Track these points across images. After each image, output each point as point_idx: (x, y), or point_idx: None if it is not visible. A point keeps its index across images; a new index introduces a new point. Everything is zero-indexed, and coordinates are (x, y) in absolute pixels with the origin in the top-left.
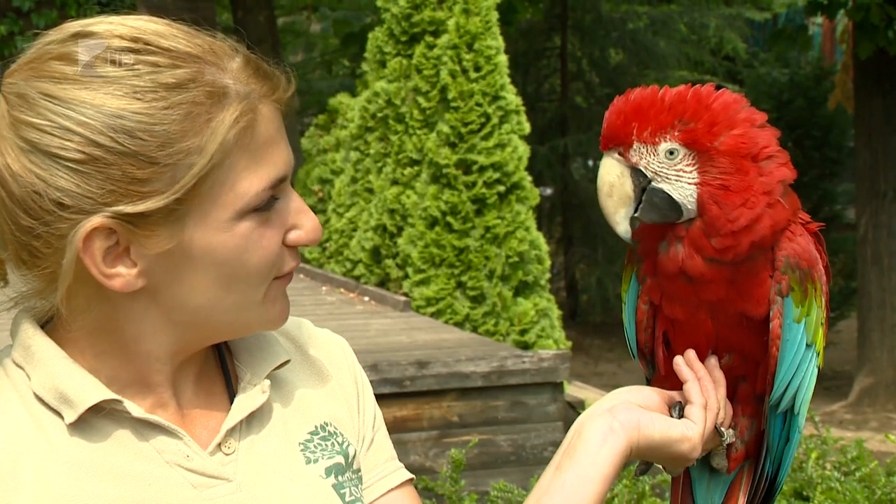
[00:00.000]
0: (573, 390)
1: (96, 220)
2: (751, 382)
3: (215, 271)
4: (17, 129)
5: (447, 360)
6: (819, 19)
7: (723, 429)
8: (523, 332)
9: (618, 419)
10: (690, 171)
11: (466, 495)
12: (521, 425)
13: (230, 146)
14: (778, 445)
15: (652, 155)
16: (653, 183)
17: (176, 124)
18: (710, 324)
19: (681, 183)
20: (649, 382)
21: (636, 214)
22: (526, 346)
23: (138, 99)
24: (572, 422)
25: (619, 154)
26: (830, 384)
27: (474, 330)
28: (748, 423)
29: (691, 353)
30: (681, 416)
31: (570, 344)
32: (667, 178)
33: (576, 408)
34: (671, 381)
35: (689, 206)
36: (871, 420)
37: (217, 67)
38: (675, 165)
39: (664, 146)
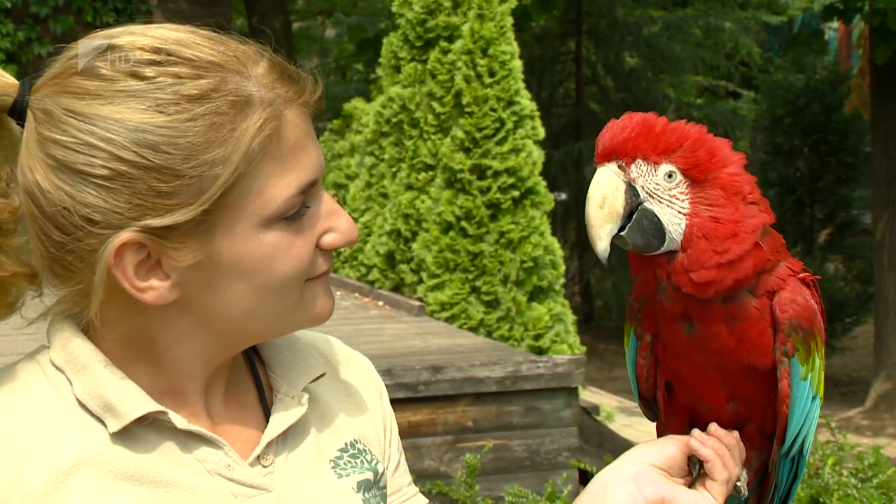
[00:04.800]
0: (588, 395)
1: (125, 236)
2: (757, 423)
3: (246, 281)
4: (44, 146)
5: (462, 364)
6: (835, 24)
7: (741, 486)
8: (538, 337)
9: (643, 492)
10: (683, 200)
11: (481, 500)
12: (535, 430)
13: (255, 155)
14: (785, 484)
15: (651, 174)
16: (644, 204)
17: (199, 136)
18: (713, 374)
19: (672, 209)
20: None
21: (622, 233)
22: (540, 351)
23: (161, 112)
24: (587, 427)
25: (619, 167)
26: (847, 390)
27: (489, 335)
28: (756, 454)
29: (700, 432)
30: (700, 470)
31: (584, 349)
32: (660, 200)
33: (590, 413)
34: (672, 424)
35: (675, 236)
36: (889, 426)
37: (241, 75)
38: (671, 189)
39: (665, 167)
